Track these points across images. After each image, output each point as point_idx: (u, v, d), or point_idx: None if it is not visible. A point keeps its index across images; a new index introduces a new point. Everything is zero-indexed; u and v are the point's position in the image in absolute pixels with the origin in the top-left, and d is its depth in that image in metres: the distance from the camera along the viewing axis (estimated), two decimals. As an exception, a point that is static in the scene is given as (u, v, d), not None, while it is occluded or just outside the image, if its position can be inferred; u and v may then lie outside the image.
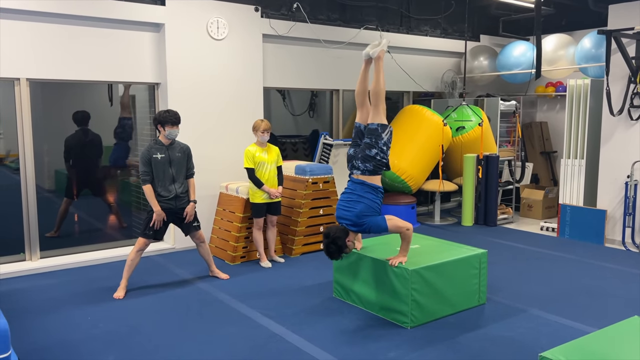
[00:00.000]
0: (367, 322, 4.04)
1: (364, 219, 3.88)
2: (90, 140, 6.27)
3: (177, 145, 4.77)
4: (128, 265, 4.67)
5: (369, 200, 3.93)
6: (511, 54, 7.87)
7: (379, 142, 3.95)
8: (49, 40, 5.25)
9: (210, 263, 5.10)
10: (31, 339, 3.72)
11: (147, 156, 4.62)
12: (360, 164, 3.97)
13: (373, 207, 3.94)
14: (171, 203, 4.70)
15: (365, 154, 3.96)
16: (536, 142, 8.71)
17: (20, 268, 5.22)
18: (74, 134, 6.17)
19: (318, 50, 7.07)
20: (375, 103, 4.05)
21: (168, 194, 4.68)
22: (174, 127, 4.66)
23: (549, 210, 7.82)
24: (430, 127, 7.17)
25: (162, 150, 4.67)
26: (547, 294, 4.64)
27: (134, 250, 4.67)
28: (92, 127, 6.28)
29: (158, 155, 4.64)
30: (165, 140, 4.69)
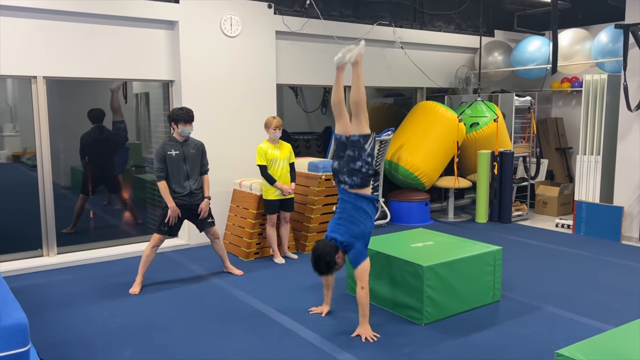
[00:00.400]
0: (381, 318, 4.04)
1: (353, 239, 3.67)
2: (105, 138, 6.34)
3: (191, 142, 4.80)
4: (143, 261, 4.71)
5: (367, 226, 3.72)
6: (526, 49, 7.79)
7: (362, 155, 3.69)
8: (65, 38, 5.31)
9: (225, 259, 5.13)
10: (49, 333, 3.78)
11: (161, 153, 4.66)
12: (347, 178, 3.73)
13: (367, 234, 3.73)
14: (185, 199, 4.73)
15: (350, 168, 3.70)
16: (551, 138, 8.62)
17: (38, 264, 5.30)
18: (89, 132, 6.24)
19: (331, 47, 7.06)
20: (356, 113, 3.76)
21: (182, 190, 4.71)
22: (187, 125, 4.69)
23: (565, 207, 7.74)
24: (444, 124, 7.13)
25: (176, 147, 4.71)
26: (562, 292, 4.60)
27: (149, 247, 4.72)
28: (106, 124, 6.34)
29: (172, 152, 4.67)
30: (179, 137, 4.73)
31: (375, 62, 7.52)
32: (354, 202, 3.74)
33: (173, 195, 4.69)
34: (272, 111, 6.44)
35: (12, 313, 2.36)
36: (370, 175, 3.75)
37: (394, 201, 7.26)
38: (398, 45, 7.57)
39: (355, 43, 3.94)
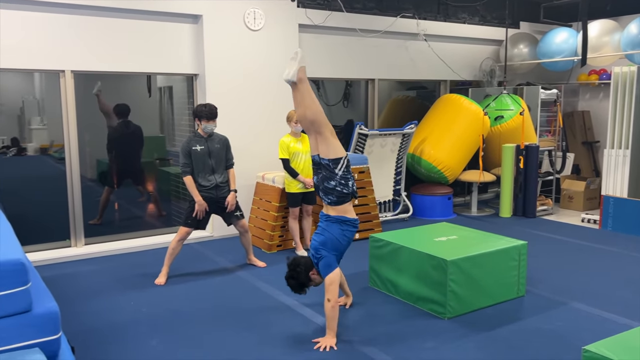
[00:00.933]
0: (404, 312, 4.04)
1: (321, 251, 3.52)
2: (131, 132, 6.43)
3: (216, 137, 4.86)
4: (169, 253, 4.78)
5: (332, 233, 3.55)
6: (553, 41, 7.66)
7: (334, 177, 3.54)
8: (92, 33, 5.39)
9: (249, 251, 5.18)
10: (78, 321, 3.87)
11: (186, 148, 4.72)
12: (323, 195, 3.61)
13: (335, 243, 3.55)
14: (212, 192, 4.78)
15: (325, 186, 3.58)
16: (578, 131, 8.47)
17: (66, 254, 5.42)
18: (116, 126, 6.33)
19: (354, 40, 7.04)
20: (318, 130, 3.55)
21: (208, 184, 4.77)
22: (210, 122, 4.73)
23: (591, 202, 7.62)
24: (468, 117, 7.06)
25: (201, 142, 4.76)
26: (588, 287, 4.54)
27: (175, 239, 4.78)
28: (131, 117, 6.43)
29: (197, 147, 4.73)
30: (203, 132, 4.78)
31: (398, 55, 7.48)
32: (327, 222, 3.61)
33: (200, 189, 4.74)
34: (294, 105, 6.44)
35: (44, 302, 2.42)
36: (345, 194, 3.56)
37: (417, 195, 7.23)
38: (421, 37, 7.51)
39: (293, 54, 3.59)
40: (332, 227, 3.57)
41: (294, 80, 3.57)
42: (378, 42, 7.22)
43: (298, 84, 3.59)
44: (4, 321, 2.25)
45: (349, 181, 3.57)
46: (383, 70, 7.41)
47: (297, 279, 3.52)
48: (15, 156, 6.75)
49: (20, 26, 5.04)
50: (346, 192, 3.57)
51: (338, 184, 3.54)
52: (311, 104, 3.60)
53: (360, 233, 6.04)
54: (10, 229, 2.87)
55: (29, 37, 5.09)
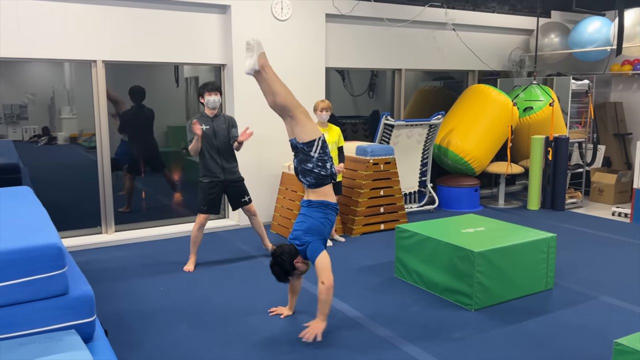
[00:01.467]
0: (429, 302, 4.04)
1: (306, 237, 3.47)
2: (145, 117, 6.47)
3: (221, 117, 4.80)
4: (192, 241, 4.83)
5: (316, 219, 3.51)
6: (585, 30, 7.48)
7: (311, 159, 3.51)
8: (122, 23, 5.46)
9: (263, 236, 5.16)
10: (109, 305, 3.97)
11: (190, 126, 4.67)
12: (302, 177, 3.59)
13: (319, 228, 3.50)
14: (220, 175, 4.76)
15: (302, 168, 3.56)
16: (609, 123, 8.29)
17: (97, 240, 5.54)
18: (129, 110, 6.38)
19: (381, 29, 6.99)
20: (290, 114, 3.55)
21: (215, 166, 4.74)
22: (212, 93, 4.65)
23: (622, 195, 7.46)
24: (496, 108, 6.96)
25: (207, 121, 4.71)
26: (619, 281, 4.46)
27: (195, 228, 4.81)
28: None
29: (203, 127, 4.65)
30: (209, 111, 4.73)
31: (425, 45, 7.40)
32: (309, 208, 3.57)
33: (206, 173, 4.73)
34: (320, 95, 6.45)
35: (79, 285, 2.48)
36: (324, 176, 3.52)
37: (443, 186, 7.18)
38: (450, 27, 7.41)
39: (249, 44, 3.51)
40: (314, 212, 3.52)
41: (256, 68, 3.50)
42: (405, 31, 7.15)
43: (262, 71, 3.54)
44: (42, 303, 2.32)
45: (326, 163, 3.52)
46: (410, 60, 7.35)
47: (281, 267, 3.43)
48: (46, 145, 6.91)
49: (53, 17, 5.13)
50: (324, 174, 3.53)
51: (315, 165, 3.50)
52: (280, 89, 3.58)
53: (386, 224, 6.03)
54: (46, 215, 2.95)
55: (62, 27, 5.18)
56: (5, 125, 6.63)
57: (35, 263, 2.26)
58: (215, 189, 4.78)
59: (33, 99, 6.83)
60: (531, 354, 3.25)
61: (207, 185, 4.76)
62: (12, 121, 6.72)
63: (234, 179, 4.85)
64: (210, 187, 4.76)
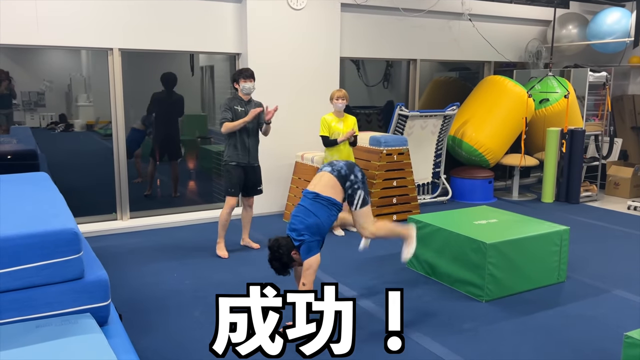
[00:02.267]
0: (440, 293, 4.05)
1: (305, 235, 3.42)
2: (174, 102, 6.54)
3: (253, 103, 4.87)
4: (221, 225, 4.87)
5: (320, 218, 3.47)
6: (604, 21, 7.37)
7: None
8: (138, 11, 5.49)
9: (247, 231, 5.14)
10: (124, 290, 4.03)
11: (229, 104, 4.73)
12: (341, 181, 3.62)
13: (322, 228, 3.48)
14: (245, 159, 4.80)
15: (348, 183, 3.62)
16: (627, 116, 8.17)
17: (112, 227, 5.62)
18: (159, 93, 6.46)
19: (396, 19, 6.94)
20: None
21: (243, 148, 4.78)
22: (247, 80, 4.74)
23: (638, 189, 7.37)
24: (511, 99, 6.90)
25: (242, 104, 4.78)
26: (632, 276, 4.42)
27: (225, 212, 4.84)
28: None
29: (238, 108, 4.74)
30: (244, 96, 4.80)
31: (441, 35, 7.34)
32: (315, 202, 3.53)
33: (233, 155, 4.76)
34: (335, 84, 6.44)
35: (94, 270, 2.53)
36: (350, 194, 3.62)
37: (457, 178, 7.15)
38: (466, 17, 7.34)
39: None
40: (320, 210, 3.48)
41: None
42: (421, 21, 7.10)
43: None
44: (59, 287, 2.36)
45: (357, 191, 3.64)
46: (425, 50, 7.30)
47: (279, 261, 3.43)
48: (63, 132, 7.00)
49: (70, 4, 5.18)
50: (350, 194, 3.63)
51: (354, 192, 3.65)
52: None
53: (398, 215, 6.03)
54: (63, 201, 3.00)
55: (78, 15, 5.23)
56: (23, 112, 6.73)
57: (52, 247, 2.31)
58: (241, 172, 4.83)
59: (50, 86, 6.91)
60: (541, 346, 3.25)
61: (233, 168, 4.80)
62: (30, 108, 6.81)
63: (256, 165, 4.93)
64: (236, 169, 4.81)
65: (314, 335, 2.40)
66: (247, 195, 5.00)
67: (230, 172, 4.82)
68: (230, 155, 4.80)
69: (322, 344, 2.40)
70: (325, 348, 2.40)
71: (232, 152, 4.79)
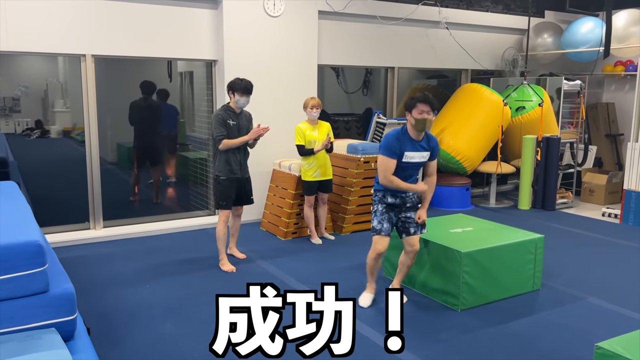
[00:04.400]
0: (417, 302, 4.04)
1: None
2: (152, 108, 6.48)
3: (244, 114, 4.77)
4: (220, 240, 4.73)
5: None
6: (578, 30, 7.49)
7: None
8: (113, 17, 5.42)
9: (235, 240, 5.06)
10: (94, 303, 3.94)
11: (223, 117, 4.59)
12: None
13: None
14: (238, 172, 4.70)
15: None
16: (601, 124, 8.31)
17: (85, 236, 5.51)
18: (137, 101, 6.39)
19: (374, 27, 6.97)
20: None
21: (236, 162, 4.68)
22: (243, 96, 4.60)
23: (612, 196, 7.48)
24: (488, 107, 6.96)
25: (234, 117, 4.65)
26: (606, 283, 4.47)
27: (219, 226, 4.71)
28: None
29: (230, 122, 4.61)
30: (236, 107, 4.67)
31: (419, 43, 7.38)
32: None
33: (225, 169, 4.63)
34: (312, 92, 6.43)
35: (60, 283, 2.46)
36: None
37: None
38: (443, 25, 7.40)
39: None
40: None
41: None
42: (399, 29, 7.14)
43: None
44: (22, 301, 2.29)
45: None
46: (403, 58, 7.33)
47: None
48: (39, 138, 6.87)
49: (43, 11, 5.09)
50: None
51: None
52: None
53: (376, 222, 6.02)
54: (29, 211, 2.92)
55: (52, 21, 5.14)
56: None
57: (15, 260, 2.24)
58: (234, 185, 4.72)
59: (26, 91, 6.79)
60: (515, 356, 3.26)
61: (226, 182, 4.67)
62: (5, 114, 6.68)
63: (248, 176, 4.84)
64: (230, 183, 4.68)
65: (314, 335, 2.40)
66: (238, 205, 4.90)
67: (222, 185, 4.69)
68: (222, 170, 4.66)
69: (322, 344, 2.39)
70: (325, 348, 2.39)
71: (223, 166, 4.66)
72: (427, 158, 3.84)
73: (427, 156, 3.83)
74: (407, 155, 3.75)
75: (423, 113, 3.72)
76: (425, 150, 3.81)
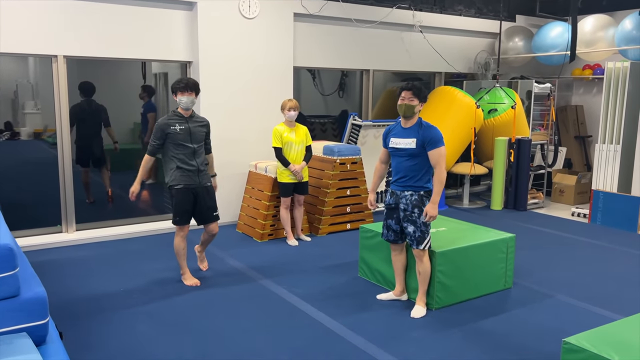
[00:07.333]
0: (391, 302, 4.08)
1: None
2: (94, 111, 6.35)
3: (197, 118, 4.35)
4: (178, 254, 4.39)
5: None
6: (548, 35, 7.66)
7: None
8: (86, 18, 5.35)
9: (204, 249, 4.78)
10: (66, 307, 3.89)
11: (162, 128, 4.17)
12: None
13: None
14: (194, 179, 4.26)
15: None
16: (571, 126, 8.51)
17: (57, 240, 5.42)
18: (79, 103, 6.25)
19: (349, 30, 7.02)
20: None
21: (190, 168, 4.24)
22: (184, 94, 4.16)
23: (581, 196, 7.67)
24: (461, 109, 7.07)
25: (181, 122, 4.22)
26: (575, 281, 4.59)
27: (176, 240, 4.37)
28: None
29: (177, 127, 4.18)
30: (183, 111, 4.25)
31: (393, 46, 7.46)
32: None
33: (181, 173, 4.21)
34: (288, 94, 6.45)
35: (32, 287, 2.43)
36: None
37: (409, 186, 7.24)
38: (417, 29, 7.50)
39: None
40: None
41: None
42: (374, 32, 7.21)
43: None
44: (-8, 305, 2.26)
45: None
46: (378, 61, 7.40)
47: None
48: (9, 140, 6.72)
49: (14, 11, 5.00)
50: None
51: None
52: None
53: (352, 224, 6.07)
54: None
55: (22, 21, 5.05)
56: (-36, 120, 6.44)
57: (-16, 265, 2.21)
58: (190, 195, 4.29)
59: (-5, 92, 6.63)
60: (487, 353, 3.32)
61: (180, 192, 4.25)
62: (-29, 116, 6.52)
63: (208, 184, 4.40)
64: (184, 193, 4.25)
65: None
66: (203, 223, 4.46)
67: (176, 197, 4.25)
68: (175, 178, 4.22)
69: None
70: None
71: (176, 174, 4.23)
72: (414, 145, 3.88)
73: (413, 143, 3.88)
74: (393, 141, 3.96)
75: (404, 99, 3.92)
76: (411, 137, 3.88)
